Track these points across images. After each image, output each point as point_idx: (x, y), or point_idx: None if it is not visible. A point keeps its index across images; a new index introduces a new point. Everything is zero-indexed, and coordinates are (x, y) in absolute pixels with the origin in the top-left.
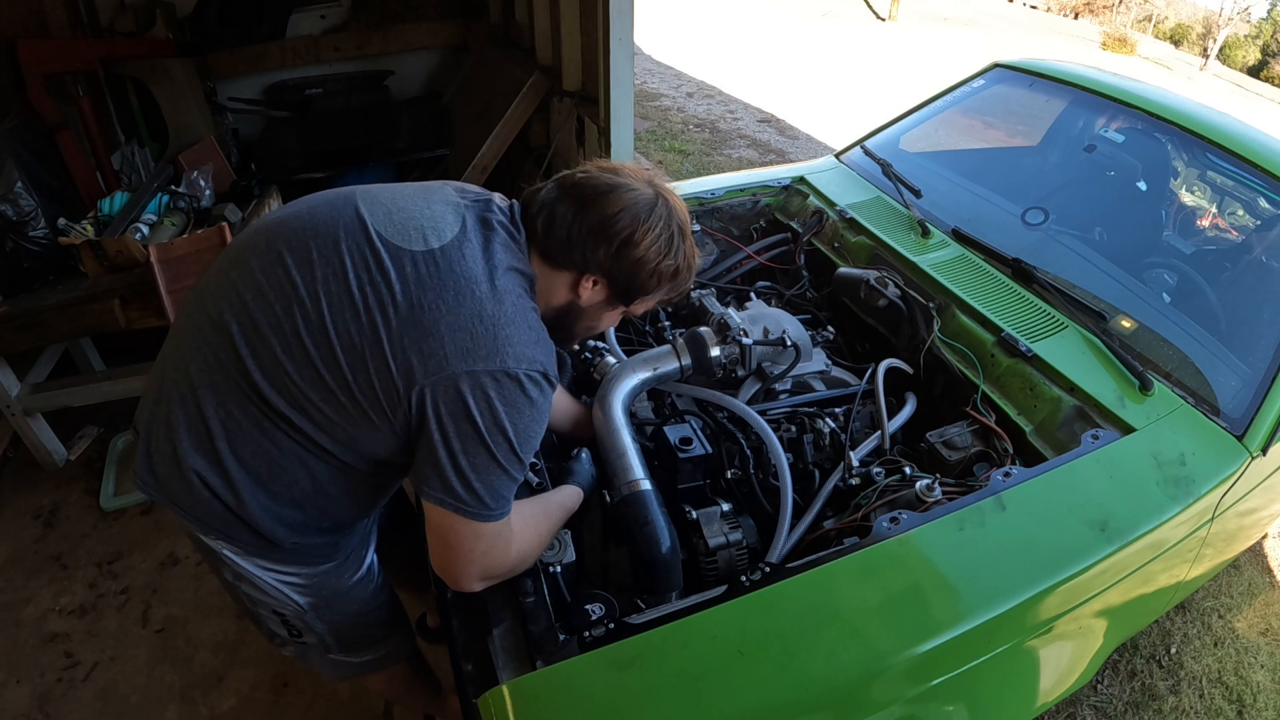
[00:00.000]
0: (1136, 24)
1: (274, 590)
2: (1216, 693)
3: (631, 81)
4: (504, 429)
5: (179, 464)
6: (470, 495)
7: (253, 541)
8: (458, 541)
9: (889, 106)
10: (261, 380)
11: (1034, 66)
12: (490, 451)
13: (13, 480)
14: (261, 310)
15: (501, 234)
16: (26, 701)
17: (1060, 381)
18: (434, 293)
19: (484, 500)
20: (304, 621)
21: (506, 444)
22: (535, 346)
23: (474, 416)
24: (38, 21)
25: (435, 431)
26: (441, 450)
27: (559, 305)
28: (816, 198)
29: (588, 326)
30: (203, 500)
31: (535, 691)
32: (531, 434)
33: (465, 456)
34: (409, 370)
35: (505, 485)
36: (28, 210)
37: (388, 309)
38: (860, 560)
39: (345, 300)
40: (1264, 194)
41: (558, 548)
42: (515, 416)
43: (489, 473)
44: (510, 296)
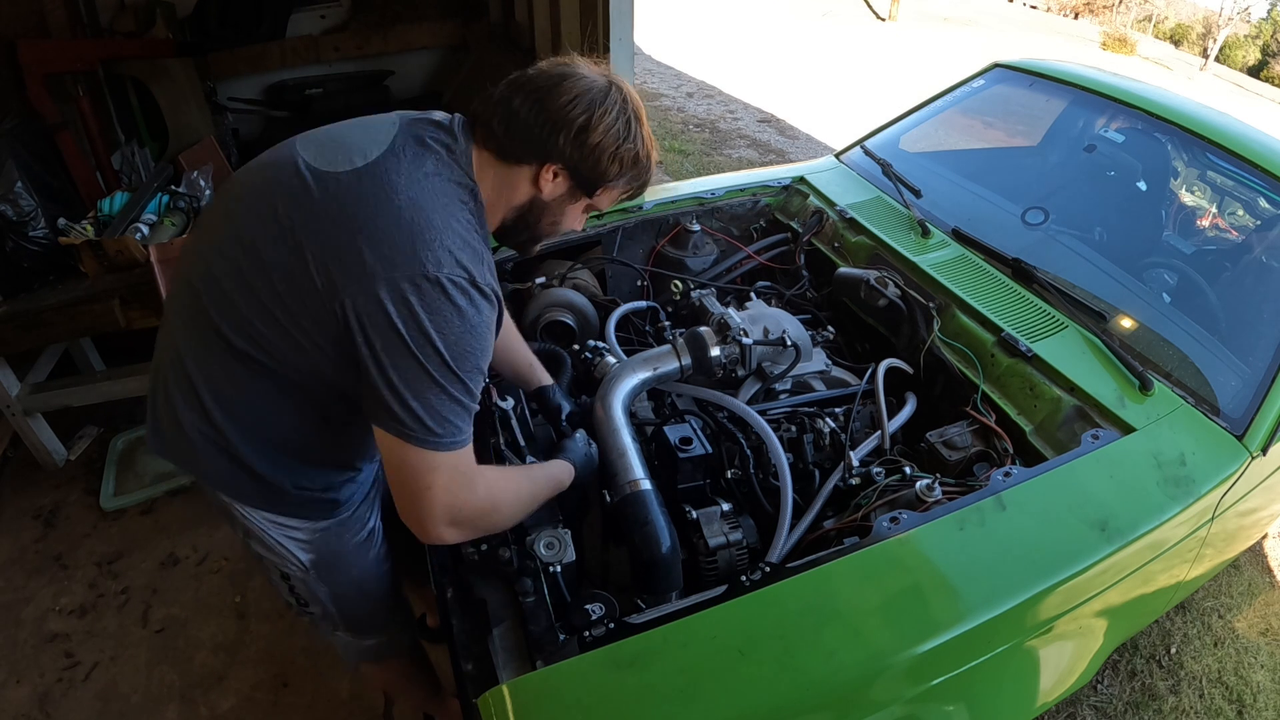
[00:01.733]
0: (1136, 24)
1: (278, 546)
2: (1216, 693)
3: (631, 81)
4: (430, 339)
5: (178, 424)
6: (410, 416)
7: (257, 491)
8: (412, 475)
9: (889, 106)
10: (226, 328)
11: (1034, 66)
12: (420, 364)
13: (13, 480)
14: (219, 264)
15: (436, 148)
16: (27, 701)
17: (1060, 381)
18: (353, 206)
19: (426, 423)
20: (308, 587)
21: (437, 356)
22: (462, 252)
23: (397, 326)
24: (38, 21)
25: (363, 346)
26: (372, 367)
27: (521, 203)
28: (816, 198)
29: (552, 223)
30: (205, 455)
31: (535, 691)
32: (466, 348)
33: (396, 371)
34: (332, 285)
35: (448, 407)
36: (28, 210)
37: (310, 228)
38: (860, 560)
39: (273, 231)
40: (1264, 194)
41: (558, 547)
42: (442, 325)
43: (425, 390)
44: (435, 204)
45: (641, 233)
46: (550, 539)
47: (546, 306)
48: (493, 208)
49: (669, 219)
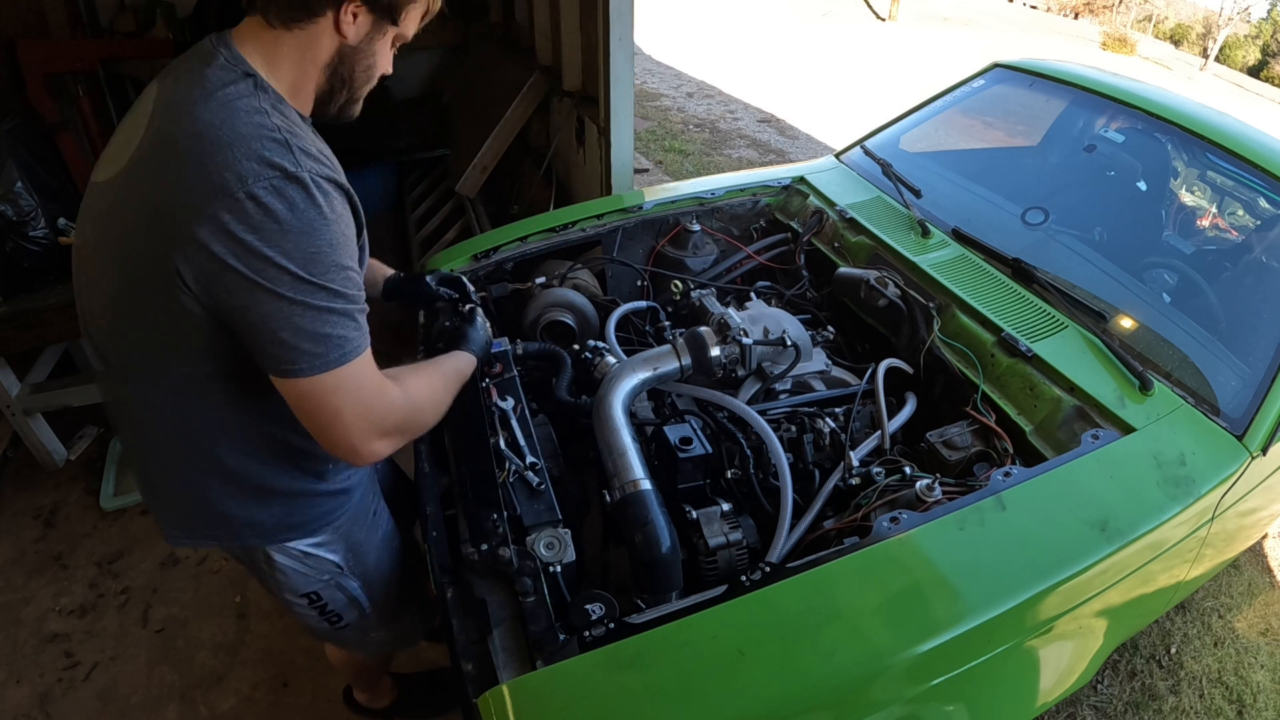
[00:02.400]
0: (1136, 24)
1: (310, 564)
2: (1216, 693)
3: (631, 81)
4: (272, 260)
5: (179, 501)
6: (288, 351)
7: (268, 522)
8: (318, 407)
9: (889, 106)
10: (116, 361)
11: (1034, 66)
12: (275, 294)
13: (13, 480)
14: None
15: (198, 72)
16: (27, 701)
17: (1060, 381)
18: (143, 185)
19: (305, 350)
20: (341, 590)
21: (289, 276)
22: (264, 150)
23: (229, 263)
24: (38, 21)
25: (222, 299)
26: (238, 317)
27: (329, 59)
28: (816, 198)
29: (366, 68)
30: (223, 509)
31: (535, 691)
32: (312, 251)
33: (256, 311)
34: (157, 255)
35: (322, 322)
36: (28, 210)
37: (114, 231)
38: (860, 560)
39: (98, 253)
40: (1264, 194)
41: (558, 547)
42: (279, 240)
43: (292, 315)
44: (215, 121)
45: (641, 233)
46: (550, 539)
47: (546, 306)
48: (301, 84)
49: (669, 219)
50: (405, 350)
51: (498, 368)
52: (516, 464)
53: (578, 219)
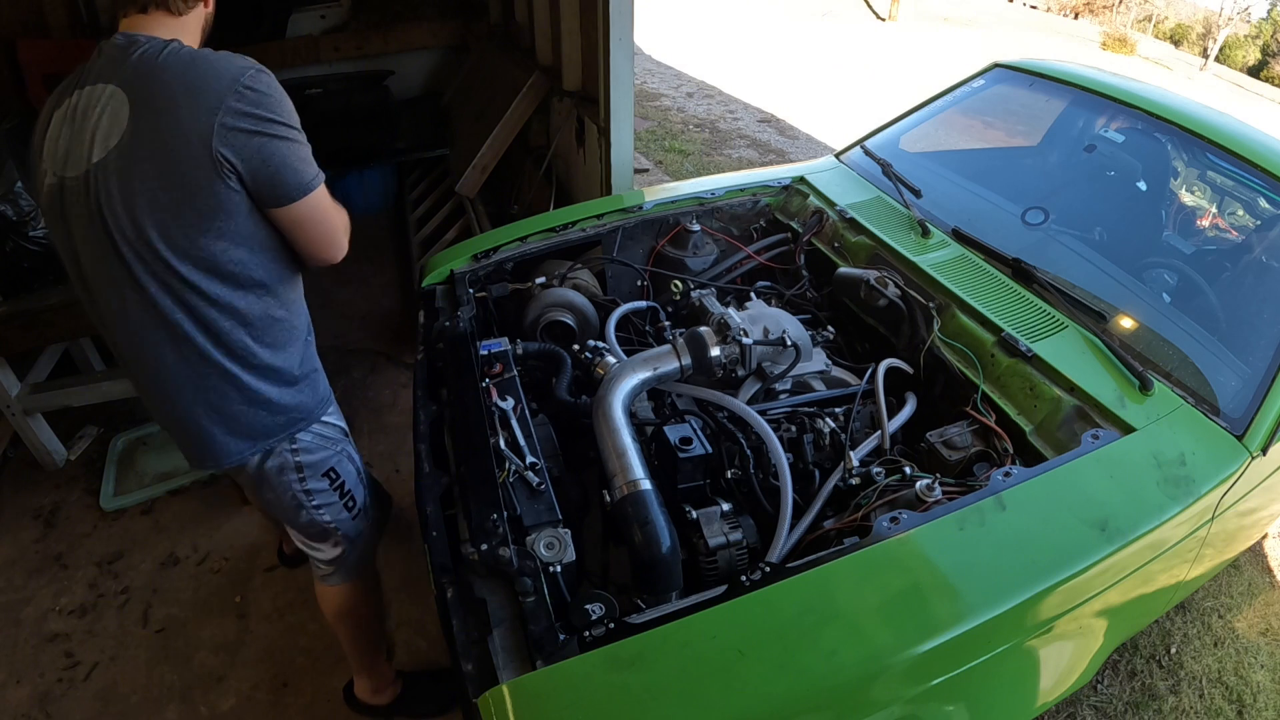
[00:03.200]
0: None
1: (327, 433)
2: (1216, 693)
3: (631, 81)
4: (275, 119)
5: (210, 432)
6: (302, 175)
7: (304, 405)
8: (325, 213)
9: (889, 106)
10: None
11: (1034, 66)
12: (284, 139)
13: (13, 480)
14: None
15: (128, 57)
16: (27, 701)
17: (1060, 381)
18: (147, 129)
19: (309, 172)
20: (351, 463)
21: (285, 126)
22: (234, 61)
23: (254, 130)
24: (38, 21)
25: (252, 160)
26: (263, 168)
27: (206, 26)
28: (816, 198)
29: (207, 27)
30: (244, 419)
31: (535, 691)
32: (289, 108)
33: (277, 156)
34: (203, 153)
35: (308, 152)
36: (28, 210)
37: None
38: (860, 560)
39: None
40: (1264, 194)
41: (558, 547)
42: (273, 107)
43: (297, 150)
44: (185, 62)
45: (641, 233)
46: (550, 539)
47: (546, 306)
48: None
49: (669, 219)
50: (406, 349)
51: (498, 368)
52: (516, 464)
53: (578, 219)
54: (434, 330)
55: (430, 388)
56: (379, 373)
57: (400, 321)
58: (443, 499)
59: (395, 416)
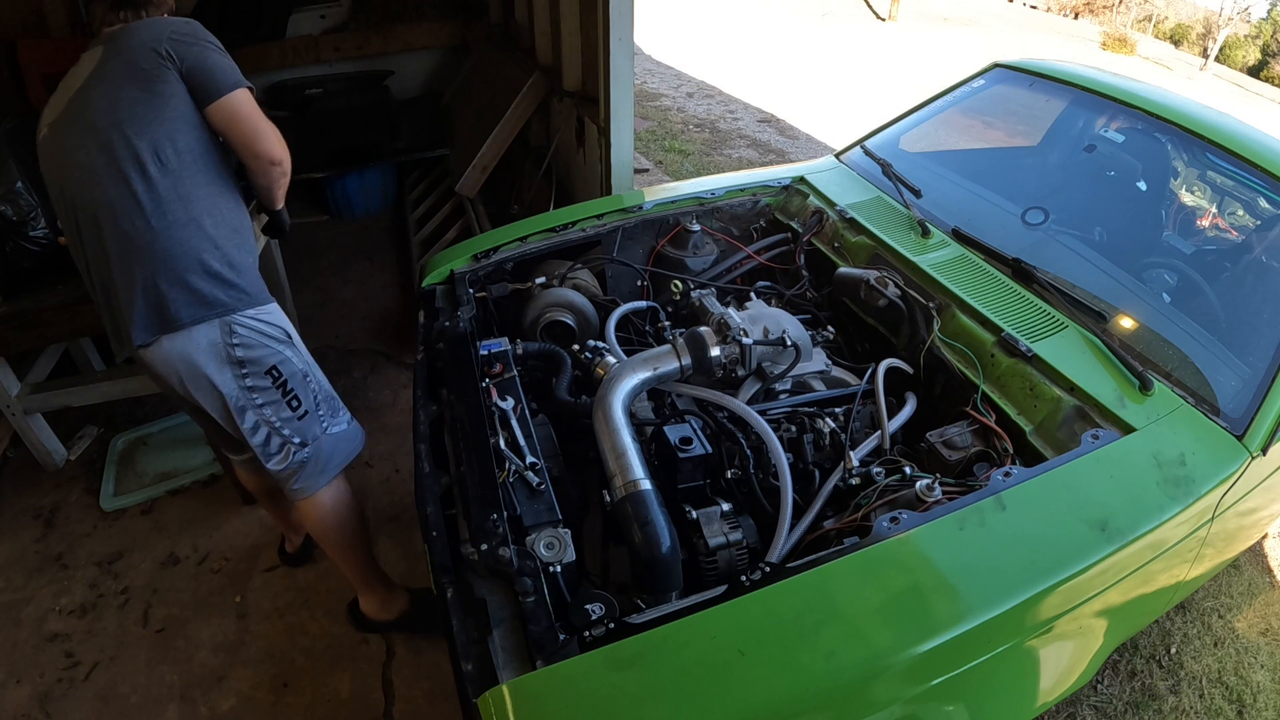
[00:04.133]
0: (1136, 24)
1: (270, 331)
2: (1216, 693)
3: (631, 81)
4: (204, 38)
5: (142, 300)
6: (231, 74)
7: (231, 292)
8: (251, 111)
9: (889, 106)
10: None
11: (1034, 66)
12: (213, 47)
13: (13, 480)
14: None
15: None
16: (27, 701)
17: (1060, 381)
18: (108, 67)
19: (236, 73)
20: (296, 367)
21: (213, 44)
22: (168, 19)
23: (190, 43)
24: (38, 21)
25: (190, 60)
26: (200, 68)
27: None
28: (816, 198)
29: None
30: (175, 302)
31: (535, 691)
32: (212, 36)
33: (209, 60)
34: (153, 56)
35: (231, 65)
36: (28, 210)
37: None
38: (860, 560)
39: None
40: (1264, 194)
41: (558, 547)
42: (205, 34)
43: (223, 58)
44: (143, 20)
45: (641, 233)
46: (550, 539)
47: (546, 306)
48: None
49: (669, 219)
50: (406, 349)
51: (498, 368)
52: (516, 464)
53: (578, 219)
54: (434, 330)
55: (430, 388)
56: (379, 373)
57: (400, 321)
58: (443, 499)
59: (395, 416)
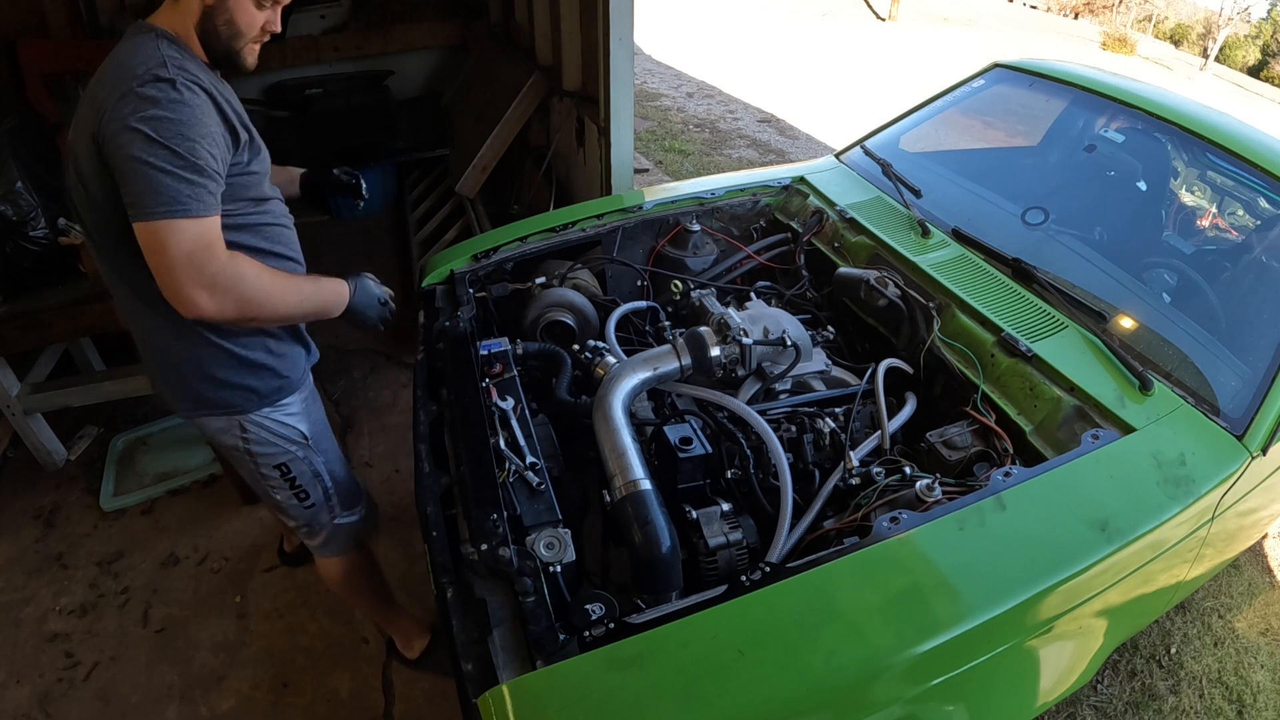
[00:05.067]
0: (1136, 24)
1: (283, 430)
2: (1216, 693)
3: (631, 81)
4: (137, 130)
5: (167, 373)
6: (136, 196)
7: (251, 390)
8: (155, 248)
9: (889, 106)
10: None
11: (1034, 66)
12: (132, 154)
13: (13, 480)
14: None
15: (124, 39)
16: (27, 701)
17: (1060, 381)
18: (83, 102)
19: (145, 199)
20: (309, 465)
21: (143, 138)
22: (151, 66)
23: (114, 133)
24: (38, 21)
25: (110, 159)
26: (115, 171)
27: (199, 19)
28: (816, 198)
29: (226, 22)
30: (198, 386)
31: (535, 691)
32: (169, 122)
33: (122, 163)
34: (90, 140)
35: (161, 179)
36: (28, 210)
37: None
38: (860, 560)
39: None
40: (1264, 194)
41: (558, 547)
42: (146, 116)
43: (142, 169)
44: (126, 56)
45: (641, 233)
46: (550, 539)
47: (546, 306)
48: (189, 40)
49: (669, 219)
50: (406, 349)
51: (498, 368)
52: (516, 464)
53: (578, 219)
54: (434, 330)
55: (430, 388)
56: (379, 373)
57: (400, 321)
58: (443, 499)
59: (395, 416)
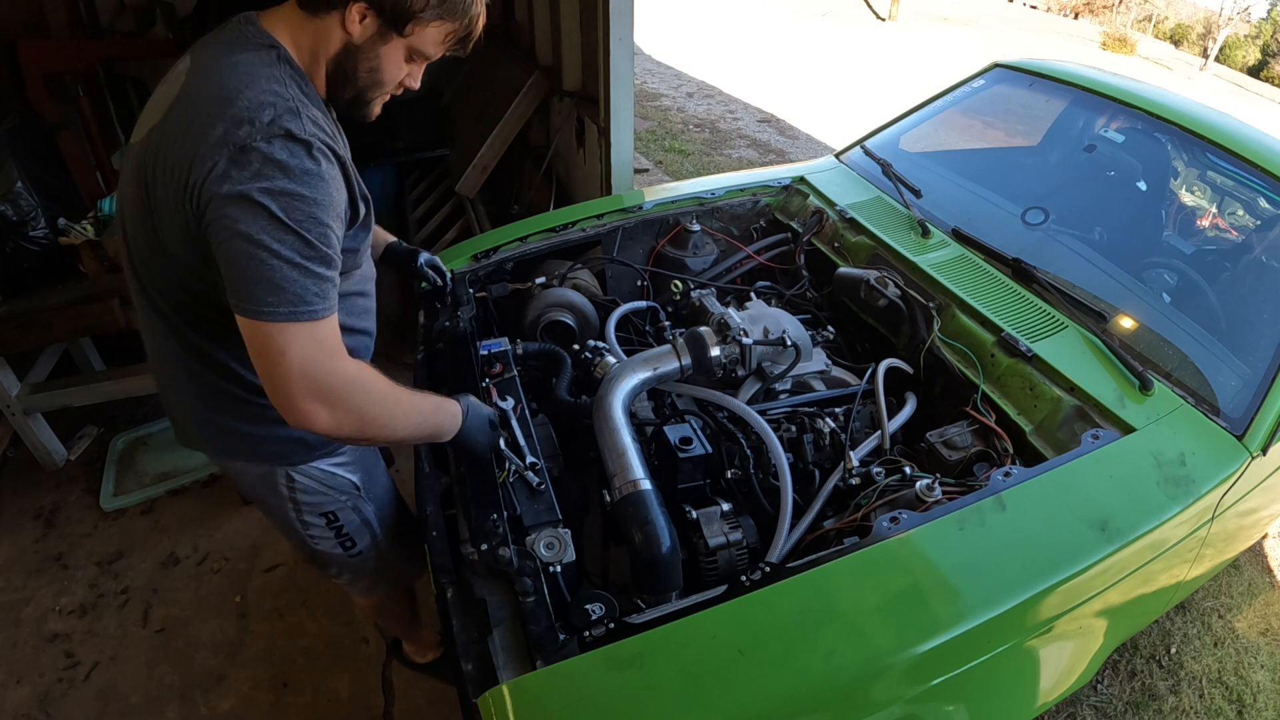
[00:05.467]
0: (1136, 24)
1: (334, 482)
2: (1216, 693)
3: (631, 81)
4: (261, 205)
5: (206, 421)
6: (250, 290)
7: (278, 447)
8: (265, 350)
9: (889, 106)
10: (160, 302)
11: (1034, 66)
12: (250, 236)
13: (13, 480)
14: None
15: (233, 34)
16: (27, 701)
17: (1060, 381)
18: (169, 129)
19: (262, 295)
20: (359, 514)
21: (267, 217)
22: (275, 115)
23: (227, 208)
24: (38, 21)
25: (212, 235)
26: (219, 252)
27: (336, 53)
28: (816, 198)
29: (370, 69)
30: (254, 433)
31: (535, 691)
32: (300, 200)
33: (231, 247)
34: (191, 199)
35: (288, 278)
36: (28, 210)
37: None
38: (860, 560)
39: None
40: (1264, 194)
41: (558, 547)
42: (271, 187)
43: (261, 257)
44: (238, 81)
45: (641, 233)
46: (550, 539)
47: (546, 306)
48: (314, 68)
49: (669, 219)
50: (406, 349)
51: (498, 368)
52: (516, 464)
53: (578, 219)
54: (434, 330)
55: (430, 388)
56: None
57: (400, 321)
58: (443, 499)
59: None
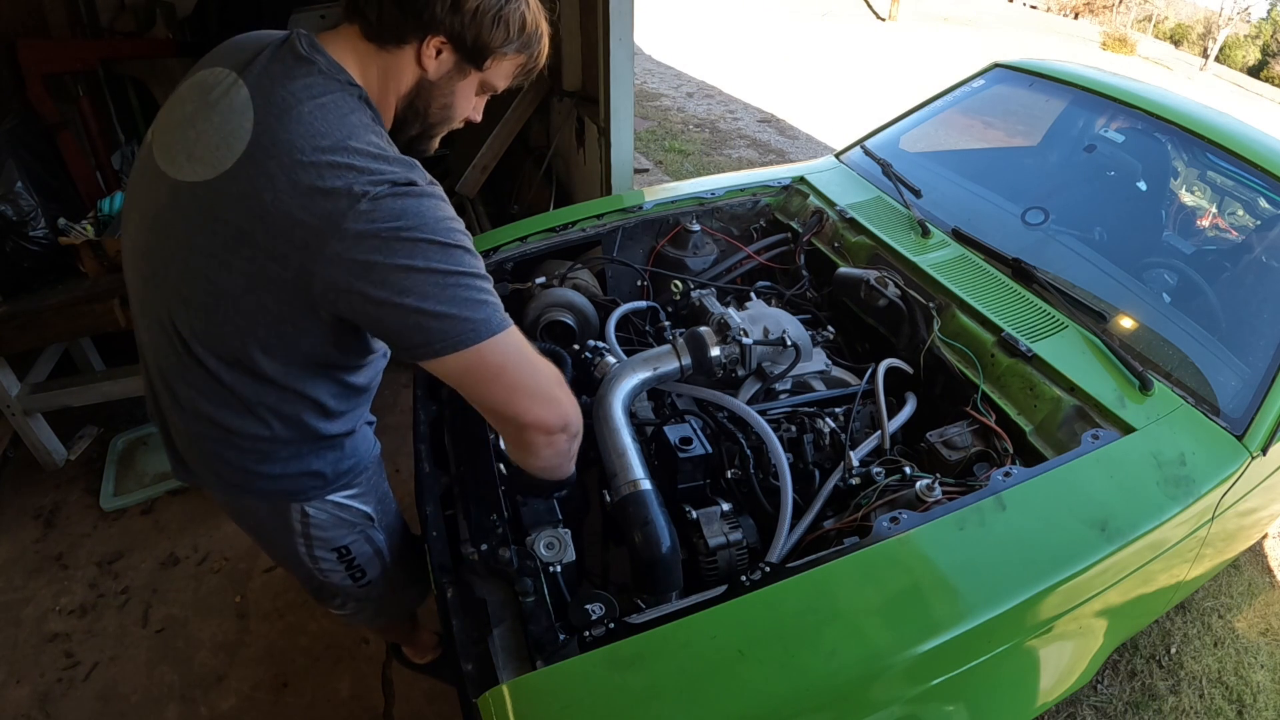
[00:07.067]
0: (1136, 24)
1: (348, 515)
2: (1216, 693)
3: (631, 81)
4: (412, 240)
5: (213, 457)
6: (440, 324)
7: (324, 477)
8: (493, 370)
9: (889, 106)
10: (196, 345)
11: (1034, 66)
12: (425, 270)
13: (13, 480)
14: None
15: (298, 73)
16: (27, 701)
17: (1060, 381)
18: (256, 177)
19: (461, 319)
20: (370, 544)
21: (426, 246)
22: (380, 166)
23: (375, 263)
24: (38, 21)
25: (357, 304)
26: (379, 314)
27: (409, 89)
28: (816, 198)
29: (443, 106)
30: (269, 468)
31: (535, 691)
32: (446, 222)
33: (404, 300)
34: (300, 269)
35: (467, 289)
36: (28, 210)
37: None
38: (860, 560)
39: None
40: (1264, 194)
41: (558, 547)
42: (408, 226)
43: (446, 287)
44: (336, 131)
45: (641, 233)
46: (550, 539)
47: (546, 306)
48: (383, 103)
49: (669, 219)
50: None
51: None
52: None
53: (578, 219)
54: None
55: (430, 387)
56: None
57: None
58: (443, 499)
59: (395, 416)
